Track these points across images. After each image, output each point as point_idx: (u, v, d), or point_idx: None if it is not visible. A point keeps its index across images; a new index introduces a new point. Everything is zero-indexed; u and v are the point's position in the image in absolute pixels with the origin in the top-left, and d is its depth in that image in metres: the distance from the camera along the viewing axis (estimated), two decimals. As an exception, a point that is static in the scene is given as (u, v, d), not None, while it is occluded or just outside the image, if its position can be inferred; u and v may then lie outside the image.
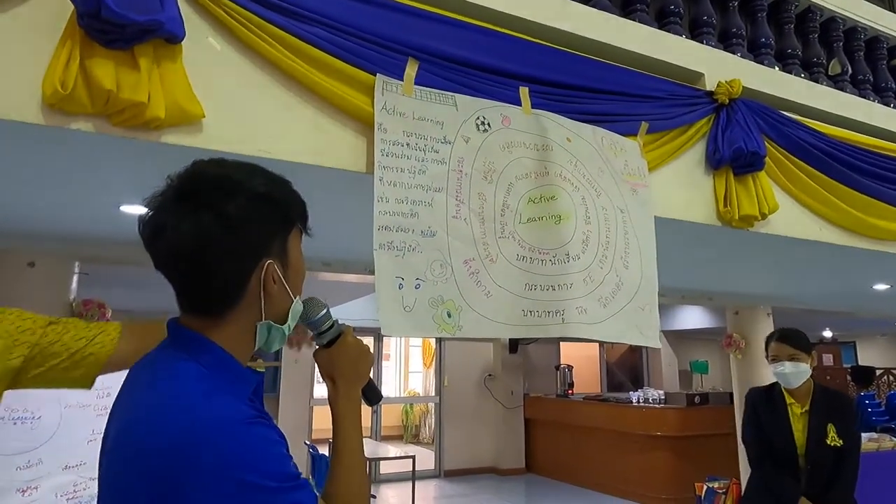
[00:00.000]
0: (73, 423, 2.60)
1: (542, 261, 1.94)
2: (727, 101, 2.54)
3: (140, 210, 0.88)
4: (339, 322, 1.02)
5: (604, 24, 2.41)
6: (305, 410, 7.41)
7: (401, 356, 12.41)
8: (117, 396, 0.91)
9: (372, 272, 1.72)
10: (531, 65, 2.13)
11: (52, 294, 2.90)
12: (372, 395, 1.06)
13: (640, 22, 2.56)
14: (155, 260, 0.88)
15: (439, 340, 8.65)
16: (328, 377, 0.99)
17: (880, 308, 6.40)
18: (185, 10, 1.62)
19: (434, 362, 9.20)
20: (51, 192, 2.17)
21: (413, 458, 5.21)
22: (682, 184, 2.49)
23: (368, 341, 9.61)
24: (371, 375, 1.05)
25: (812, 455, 2.27)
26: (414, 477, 5.23)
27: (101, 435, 2.57)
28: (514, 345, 8.58)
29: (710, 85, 2.59)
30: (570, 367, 8.81)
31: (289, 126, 1.77)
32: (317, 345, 1.02)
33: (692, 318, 9.16)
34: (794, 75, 3.03)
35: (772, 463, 2.34)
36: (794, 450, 2.31)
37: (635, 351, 10.80)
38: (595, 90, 2.26)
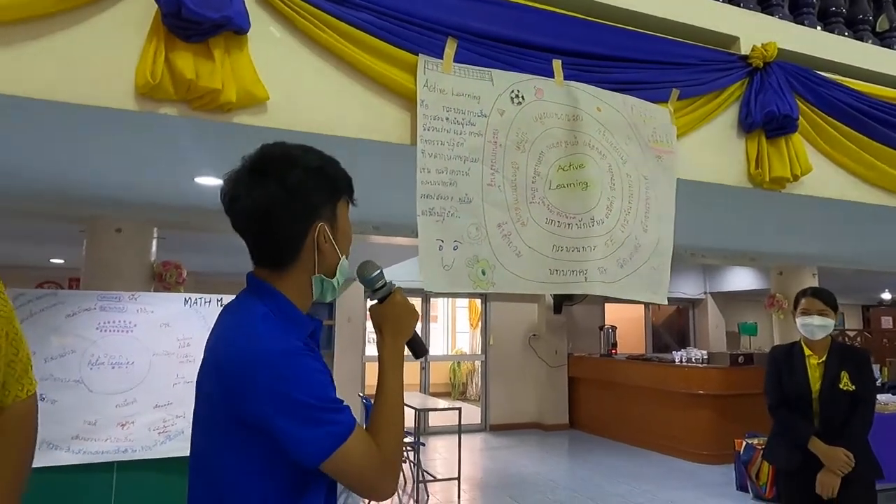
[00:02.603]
0: (161, 369, 2.98)
1: (569, 224, 2.12)
2: (761, 64, 2.58)
3: (213, 181, 1.10)
4: (391, 283, 1.17)
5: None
6: (358, 365, 7.86)
7: (448, 317, 12.76)
8: (211, 330, 1.14)
9: (405, 236, 1.95)
10: (563, 37, 2.25)
11: (136, 256, 3.26)
12: (418, 349, 1.19)
13: (675, -12, 2.61)
14: (233, 223, 1.10)
15: (485, 301, 8.89)
16: (378, 329, 1.17)
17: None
18: (248, 4, 1.84)
19: (480, 323, 9.48)
20: (136, 167, 2.47)
21: (459, 409, 5.52)
22: (713, 148, 2.58)
23: (416, 302, 9.96)
24: (419, 332, 1.20)
25: (825, 399, 2.41)
26: (460, 430, 5.55)
27: (185, 380, 2.94)
28: (558, 306, 8.74)
29: (745, 48, 2.64)
30: (613, 328, 8.93)
31: (340, 104, 1.98)
32: (371, 301, 1.21)
33: (741, 279, 9.06)
34: (837, 34, 3.01)
35: (787, 408, 2.49)
36: (809, 395, 2.45)
37: (681, 312, 10.78)
38: (626, 59, 2.36)
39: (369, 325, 8.44)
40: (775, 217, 3.60)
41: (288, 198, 1.04)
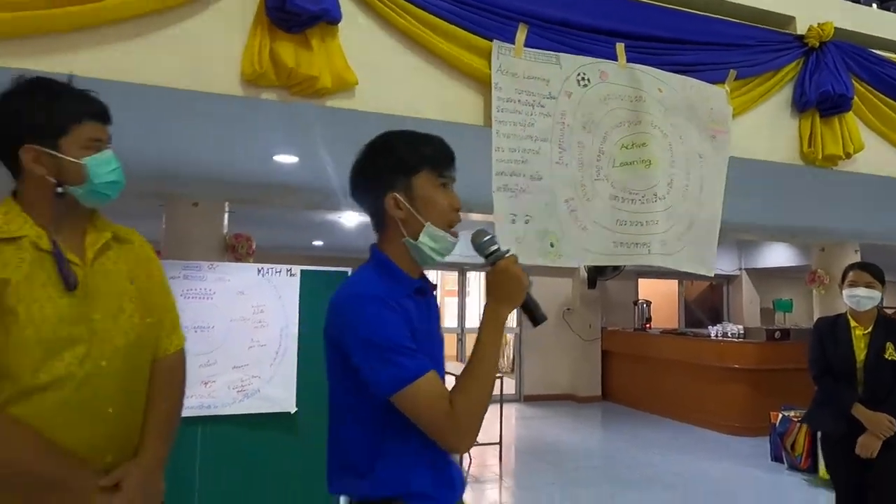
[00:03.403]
0: (237, 333, 3.22)
1: (632, 200, 2.25)
2: (817, 44, 2.65)
3: (291, 159, 1.23)
4: (501, 250, 1.23)
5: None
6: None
7: (477, 289, 12.96)
8: None
9: (482, 212, 2.10)
10: (626, 21, 2.36)
11: (211, 228, 3.50)
12: (532, 316, 1.24)
13: (733, -30, 2.67)
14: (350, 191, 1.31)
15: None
16: (487, 294, 1.26)
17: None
18: (339, -5, 1.99)
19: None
20: (222, 147, 2.67)
21: (501, 377, 5.73)
22: (767, 126, 2.67)
23: (452, 275, 10.18)
24: (535, 301, 1.25)
25: (870, 367, 2.52)
26: (502, 398, 5.77)
27: (259, 343, 3.17)
28: (592, 280, 8.85)
29: (801, 28, 2.70)
30: (648, 303, 9.01)
31: (420, 88, 2.13)
32: (486, 267, 1.29)
33: (777, 256, 9.03)
34: (894, 12, 3.03)
35: (831, 378, 2.62)
36: (854, 364, 2.56)
37: (714, 288, 10.78)
38: (686, 41, 2.46)
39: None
40: (822, 194, 3.66)
41: (359, 176, 1.26)
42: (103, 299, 1.26)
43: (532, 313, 1.25)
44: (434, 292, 1.34)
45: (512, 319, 10.26)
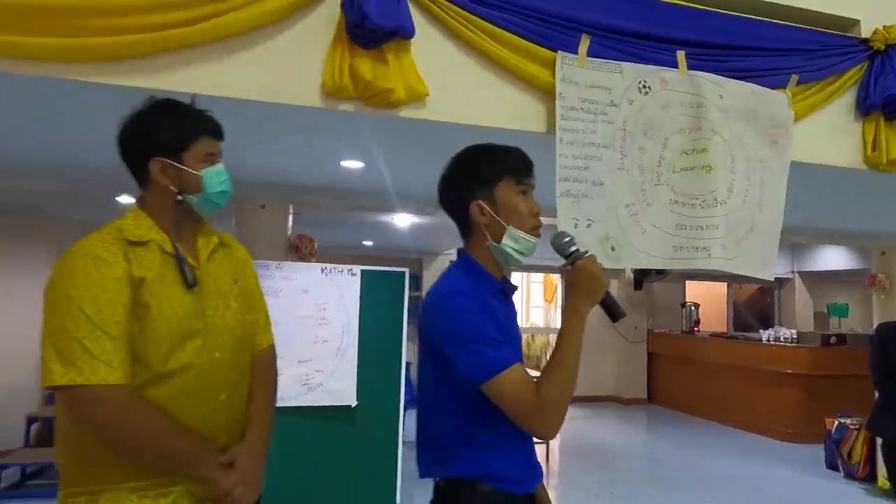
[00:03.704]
0: (302, 330, 3.40)
1: (693, 204, 2.30)
2: (883, 47, 2.62)
3: (357, 164, 1.32)
4: (579, 250, 1.33)
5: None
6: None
7: (522, 292, 13.00)
8: None
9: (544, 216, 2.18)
10: (687, 29, 2.40)
11: (276, 229, 3.69)
12: (610, 312, 1.33)
13: (795, -26, 2.67)
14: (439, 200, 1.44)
15: (563, 277, 9.08)
16: (567, 292, 1.41)
17: None
18: (412, 10, 2.10)
19: (555, 297, 9.68)
20: (294, 152, 2.83)
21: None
22: (829, 130, 2.66)
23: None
24: (615, 298, 1.35)
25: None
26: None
27: (322, 339, 3.36)
28: (638, 282, 8.78)
29: (865, 31, 2.68)
30: (696, 305, 8.89)
31: (486, 97, 2.22)
32: (565, 266, 1.38)
33: (832, 259, 8.77)
34: (963, 12, 2.96)
35: (894, 382, 2.60)
36: (918, 370, 2.55)
37: (765, 292, 10.53)
38: (746, 47, 2.48)
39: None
40: (884, 197, 3.59)
41: (446, 187, 1.39)
42: (214, 297, 1.40)
43: (610, 310, 1.33)
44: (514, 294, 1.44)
45: (552, 320, 10.27)
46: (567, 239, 1.35)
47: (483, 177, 1.34)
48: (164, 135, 1.33)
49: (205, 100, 1.94)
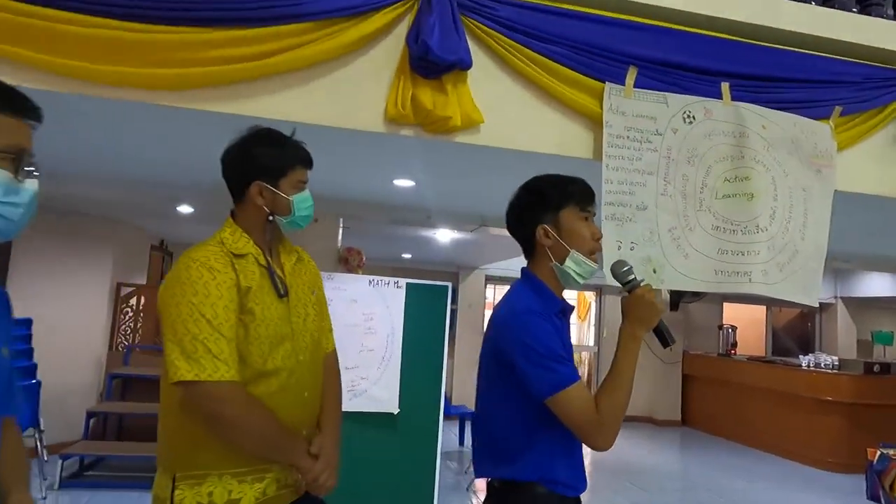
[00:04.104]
0: (350, 337, 3.55)
1: (734, 230, 2.38)
2: (927, 79, 2.67)
3: (408, 183, 1.44)
4: (637, 279, 1.45)
5: (803, 15, 2.65)
6: (477, 347, 8.38)
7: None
8: None
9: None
10: (731, 61, 2.49)
11: (327, 242, 3.88)
12: (663, 338, 1.43)
13: (839, 8, 2.75)
14: (506, 224, 1.57)
15: (600, 296, 9.09)
16: (623, 315, 1.47)
17: None
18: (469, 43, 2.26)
19: (588, 316, 9.70)
20: (352, 172, 3.01)
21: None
22: (874, 160, 2.71)
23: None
24: (667, 325, 1.45)
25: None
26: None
27: (368, 348, 3.53)
28: (675, 303, 8.72)
29: (910, 64, 2.73)
30: (733, 328, 8.79)
31: (537, 125, 2.36)
32: (622, 293, 1.51)
33: (877, 285, 8.57)
34: None
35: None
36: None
37: (805, 316, 10.31)
38: (790, 80, 2.56)
39: (488, 312, 8.86)
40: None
41: (514, 209, 1.53)
42: (297, 306, 1.57)
43: (663, 335, 1.45)
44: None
45: (590, 338, 10.25)
46: (626, 268, 1.48)
47: (549, 202, 1.48)
48: (267, 161, 1.50)
49: (276, 125, 2.14)
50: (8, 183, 0.86)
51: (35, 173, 0.90)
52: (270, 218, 1.54)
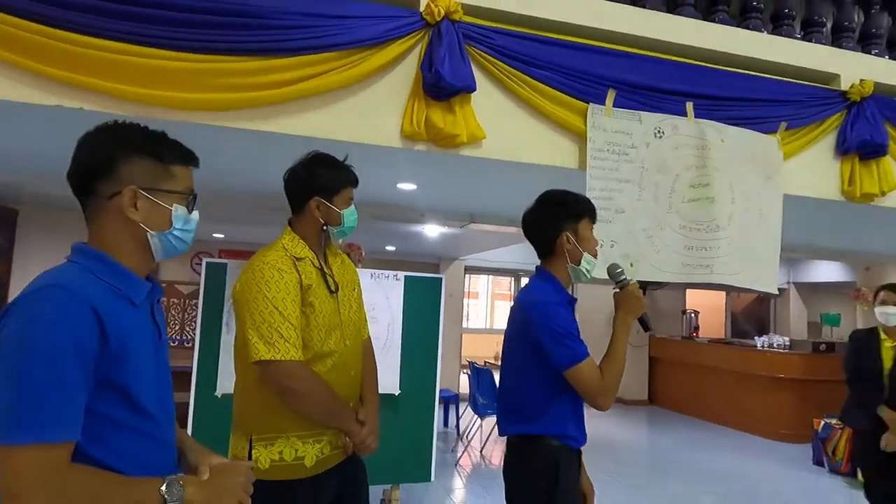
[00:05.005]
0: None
1: (698, 229, 2.80)
2: (858, 98, 3.12)
3: (411, 186, 1.81)
4: (629, 278, 1.92)
5: (754, 42, 3.07)
6: (458, 335, 8.79)
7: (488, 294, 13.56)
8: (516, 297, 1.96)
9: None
10: (694, 84, 2.90)
11: (329, 239, 4.21)
12: (646, 324, 1.90)
13: (786, 35, 3.18)
14: (525, 232, 1.93)
15: (517, 280, 9.89)
16: (616, 308, 1.89)
17: None
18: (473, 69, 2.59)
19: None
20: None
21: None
22: (813, 168, 3.16)
23: (502, 280, 10.78)
24: (649, 315, 1.91)
25: (894, 375, 2.99)
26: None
27: (372, 337, 3.82)
28: (642, 289, 9.26)
29: (844, 84, 3.18)
30: (696, 313, 9.39)
31: (530, 139, 2.72)
32: (614, 289, 1.94)
33: (825, 271, 9.26)
34: (930, 66, 3.46)
35: (862, 382, 3.09)
36: (881, 371, 3.03)
37: (762, 301, 11.02)
38: (744, 99, 2.98)
39: (466, 301, 9.26)
40: (865, 222, 4.08)
41: (539, 218, 1.90)
42: (343, 300, 1.90)
43: (646, 323, 1.90)
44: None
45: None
46: (620, 269, 1.92)
47: (572, 214, 1.89)
48: (325, 182, 1.83)
49: (304, 140, 2.45)
50: (185, 217, 1.17)
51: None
52: (324, 227, 1.87)
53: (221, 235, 7.12)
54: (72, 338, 0.95)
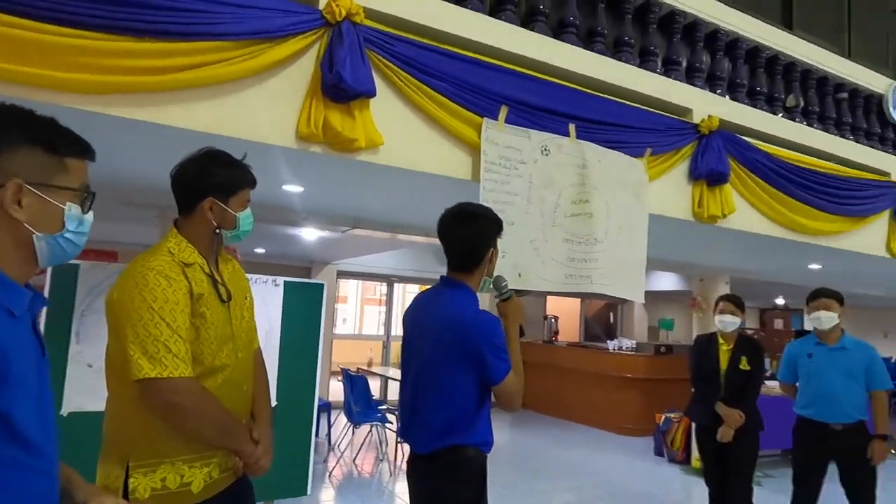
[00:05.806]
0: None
1: (579, 242, 3.00)
2: (707, 132, 3.55)
3: (297, 188, 1.78)
4: (512, 290, 2.04)
5: (627, 73, 3.38)
6: (329, 343, 8.56)
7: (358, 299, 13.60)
8: (415, 307, 1.95)
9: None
10: (576, 107, 3.11)
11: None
12: (522, 331, 2.03)
13: (650, 70, 3.53)
14: (443, 242, 1.95)
15: (391, 286, 10.11)
16: (503, 317, 1.99)
17: (818, 281, 7.62)
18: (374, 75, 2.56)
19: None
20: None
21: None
22: (670, 191, 3.54)
23: (372, 286, 10.72)
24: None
25: (729, 375, 3.43)
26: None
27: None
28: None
29: (696, 118, 3.60)
30: (556, 318, 10.04)
31: (426, 149, 2.74)
32: (498, 301, 2.03)
33: (664, 280, 10.40)
34: (759, 108, 4.05)
35: (703, 381, 3.51)
36: (718, 372, 3.46)
37: (609, 307, 12.10)
38: (619, 125, 3.26)
39: (336, 306, 9.05)
40: (704, 239, 4.65)
41: (477, 234, 1.94)
42: (235, 309, 1.77)
43: (522, 330, 2.04)
44: None
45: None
46: (505, 283, 2.03)
47: (499, 229, 1.98)
48: (221, 180, 1.67)
49: (195, 135, 2.25)
50: (79, 217, 1.02)
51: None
52: (217, 231, 1.71)
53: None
54: None
